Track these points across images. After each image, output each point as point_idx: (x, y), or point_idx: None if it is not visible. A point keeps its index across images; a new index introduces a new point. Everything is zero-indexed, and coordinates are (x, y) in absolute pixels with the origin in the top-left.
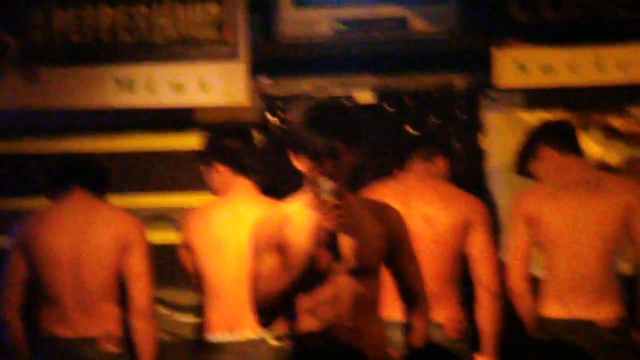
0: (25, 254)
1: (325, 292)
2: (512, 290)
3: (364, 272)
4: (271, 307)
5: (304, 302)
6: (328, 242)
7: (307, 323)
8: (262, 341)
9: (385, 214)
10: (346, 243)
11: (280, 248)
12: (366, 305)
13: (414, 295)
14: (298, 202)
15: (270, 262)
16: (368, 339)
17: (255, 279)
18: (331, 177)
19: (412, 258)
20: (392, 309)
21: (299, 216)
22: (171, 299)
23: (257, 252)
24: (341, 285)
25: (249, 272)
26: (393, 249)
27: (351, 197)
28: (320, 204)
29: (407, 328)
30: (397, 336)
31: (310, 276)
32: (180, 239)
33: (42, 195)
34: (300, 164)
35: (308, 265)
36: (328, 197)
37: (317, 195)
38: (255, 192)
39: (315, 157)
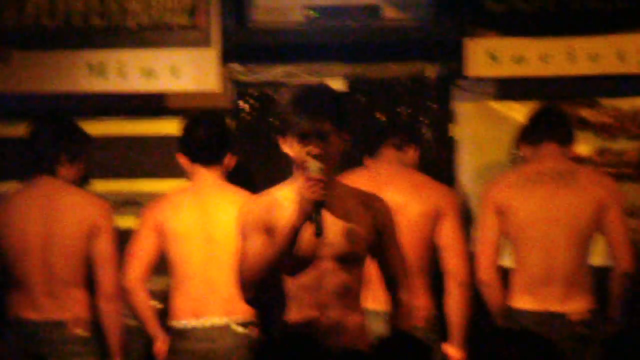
0: None
1: (309, 277)
2: (481, 279)
3: (349, 260)
4: (254, 282)
5: (288, 288)
6: (310, 214)
7: (291, 310)
8: (227, 327)
9: (372, 204)
10: (332, 226)
11: (268, 230)
12: (350, 293)
13: (399, 284)
14: (287, 188)
15: (258, 242)
16: (350, 329)
17: (242, 258)
18: (319, 158)
19: (397, 247)
20: (372, 299)
21: (286, 201)
22: None
23: (245, 233)
24: (325, 272)
25: (236, 252)
26: (380, 239)
27: (339, 185)
28: (306, 180)
29: (391, 317)
30: (376, 326)
31: (295, 260)
32: (144, 224)
33: (12, 180)
34: (288, 148)
35: (292, 238)
36: (314, 174)
37: (304, 176)
38: (219, 179)
39: (303, 138)
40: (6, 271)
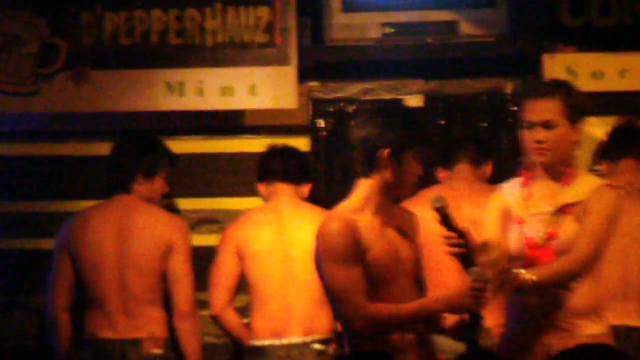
0: (71, 256)
1: (394, 298)
2: None
3: (418, 278)
4: (377, 329)
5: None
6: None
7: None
8: (307, 346)
9: (415, 222)
10: (404, 246)
11: (359, 255)
12: None
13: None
14: (362, 207)
15: (357, 273)
16: (426, 345)
17: (345, 288)
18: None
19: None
20: None
21: (366, 224)
22: None
23: (339, 261)
24: (406, 292)
25: (329, 281)
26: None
27: (392, 207)
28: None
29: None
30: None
31: (374, 280)
32: (224, 246)
33: (88, 198)
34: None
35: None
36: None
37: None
38: (296, 197)
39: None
40: (83, 289)
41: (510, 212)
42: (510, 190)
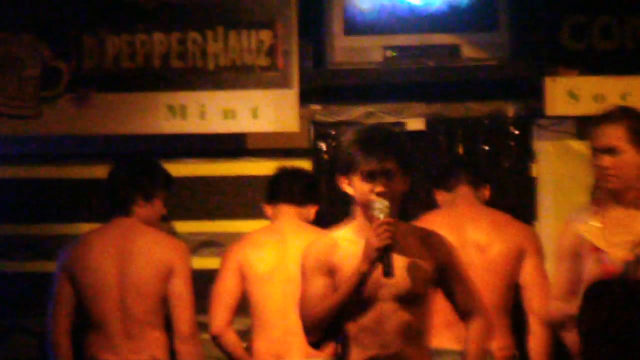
0: (72, 278)
1: (369, 319)
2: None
3: (410, 299)
4: (319, 327)
5: (348, 330)
6: (378, 258)
7: (352, 351)
8: None
9: (431, 241)
10: (396, 264)
11: (330, 272)
12: (412, 334)
13: (470, 319)
14: (345, 228)
15: (320, 284)
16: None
17: (305, 300)
18: (384, 197)
19: (465, 282)
20: (440, 337)
21: (346, 242)
22: None
23: (307, 275)
24: (386, 313)
25: (299, 294)
26: (443, 275)
27: (400, 224)
28: (372, 222)
29: (463, 354)
30: None
31: (355, 303)
32: (226, 265)
33: (90, 221)
34: (350, 187)
35: (359, 284)
36: (383, 215)
37: (369, 215)
38: (300, 220)
39: (368, 176)
40: (83, 312)
41: (583, 243)
42: (583, 220)
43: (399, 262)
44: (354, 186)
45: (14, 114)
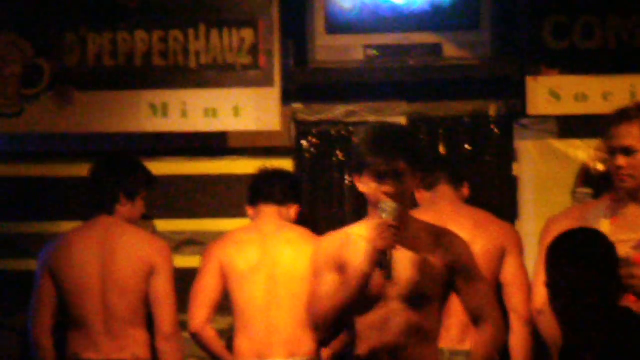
0: (54, 277)
1: (375, 317)
2: (537, 308)
3: (418, 299)
4: (327, 324)
5: (356, 325)
6: (379, 260)
7: (358, 346)
8: None
9: (445, 240)
10: (401, 266)
11: (340, 268)
12: (418, 333)
13: (481, 319)
14: (362, 225)
15: (330, 280)
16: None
17: (314, 297)
18: (393, 198)
19: (477, 281)
20: (448, 338)
21: (360, 238)
22: None
23: (317, 271)
24: (392, 312)
25: (308, 290)
26: (454, 274)
27: (412, 220)
28: (378, 224)
29: (472, 354)
30: None
31: (362, 301)
32: (207, 263)
33: (72, 219)
34: (364, 186)
35: (363, 284)
36: (387, 217)
37: (378, 215)
38: (282, 219)
39: (377, 176)
40: (66, 310)
41: None
42: (595, 213)
43: (408, 261)
44: (365, 185)
45: None
